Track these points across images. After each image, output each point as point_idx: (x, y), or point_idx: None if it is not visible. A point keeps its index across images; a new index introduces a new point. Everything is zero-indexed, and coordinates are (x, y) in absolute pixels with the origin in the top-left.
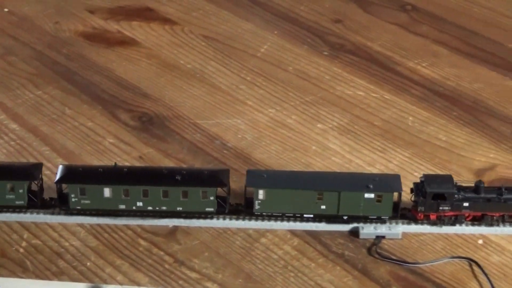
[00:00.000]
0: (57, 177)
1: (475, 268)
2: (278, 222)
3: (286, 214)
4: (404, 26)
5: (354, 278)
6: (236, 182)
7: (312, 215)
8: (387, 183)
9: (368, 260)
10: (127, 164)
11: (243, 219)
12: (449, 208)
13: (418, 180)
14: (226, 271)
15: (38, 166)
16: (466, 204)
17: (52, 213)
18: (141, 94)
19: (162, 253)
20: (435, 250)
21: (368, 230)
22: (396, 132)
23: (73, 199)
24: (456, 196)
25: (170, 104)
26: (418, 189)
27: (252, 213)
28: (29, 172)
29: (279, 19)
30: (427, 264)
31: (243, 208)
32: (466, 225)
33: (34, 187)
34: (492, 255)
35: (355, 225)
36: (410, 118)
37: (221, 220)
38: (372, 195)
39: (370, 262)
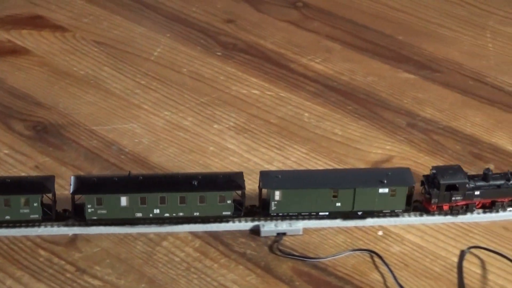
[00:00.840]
0: (72, 188)
1: (376, 259)
2: (179, 225)
3: (302, 213)
4: (296, 23)
5: (257, 276)
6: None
7: (327, 213)
8: (399, 177)
9: (270, 257)
10: (23, 174)
11: (143, 223)
12: (461, 197)
13: None
14: (128, 276)
15: (50, 179)
16: (477, 193)
17: (67, 225)
18: (34, 103)
19: (63, 262)
20: (336, 244)
21: (269, 228)
22: (292, 129)
23: (89, 210)
24: (467, 185)
25: (64, 111)
26: (429, 181)
27: (268, 215)
28: (41, 184)
29: (171, 22)
30: (329, 258)
31: (259, 209)
32: (367, 218)
33: (46, 200)
34: (392, 245)
35: (256, 223)
36: (306, 114)
37: (119, 227)
38: (386, 190)
39: (273, 260)
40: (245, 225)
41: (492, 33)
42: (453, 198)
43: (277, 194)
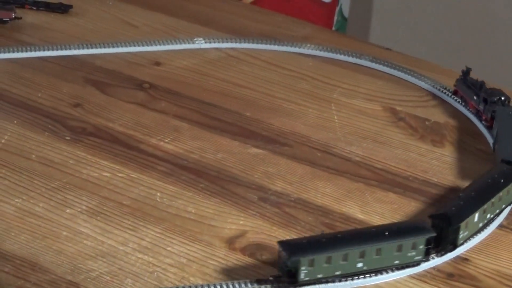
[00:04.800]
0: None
1: None
2: None
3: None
4: (143, 104)
5: None
6: None
7: None
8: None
9: None
10: None
11: None
12: None
13: None
14: None
15: (426, 221)
16: None
17: None
18: None
19: None
20: None
21: None
22: (145, 209)
23: None
24: None
25: None
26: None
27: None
28: (423, 227)
29: (17, 108)
30: None
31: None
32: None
33: None
34: None
35: None
36: (158, 194)
37: None
38: None
39: None
40: None
41: (336, 105)
42: None
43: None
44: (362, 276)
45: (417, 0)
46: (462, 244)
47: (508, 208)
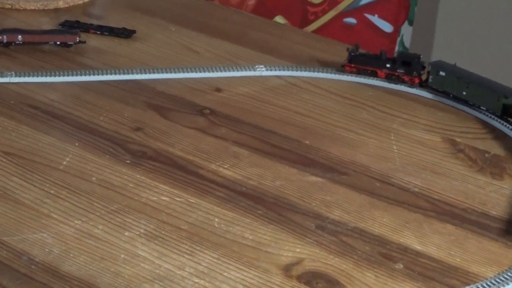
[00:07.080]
0: None
1: None
2: None
3: None
4: (203, 130)
5: None
6: None
7: None
8: None
9: None
10: None
11: None
12: None
13: None
14: None
15: None
16: None
17: None
18: None
19: None
20: None
21: None
22: (203, 234)
23: None
24: None
25: None
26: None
27: None
28: None
29: (79, 131)
30: None
31: None
32: None
33: None
34: None
35: None
36: (216, 219)
37: None
38: None
39: None
40: None
41: (396, 135)
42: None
43: None
44: None
45: (480, 31)
46: None
47: None
